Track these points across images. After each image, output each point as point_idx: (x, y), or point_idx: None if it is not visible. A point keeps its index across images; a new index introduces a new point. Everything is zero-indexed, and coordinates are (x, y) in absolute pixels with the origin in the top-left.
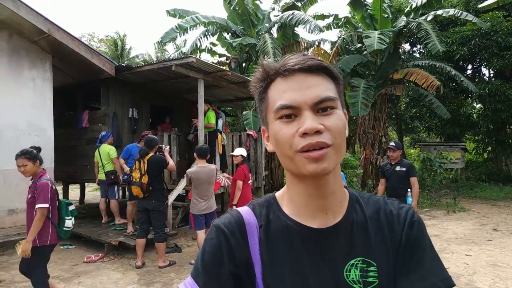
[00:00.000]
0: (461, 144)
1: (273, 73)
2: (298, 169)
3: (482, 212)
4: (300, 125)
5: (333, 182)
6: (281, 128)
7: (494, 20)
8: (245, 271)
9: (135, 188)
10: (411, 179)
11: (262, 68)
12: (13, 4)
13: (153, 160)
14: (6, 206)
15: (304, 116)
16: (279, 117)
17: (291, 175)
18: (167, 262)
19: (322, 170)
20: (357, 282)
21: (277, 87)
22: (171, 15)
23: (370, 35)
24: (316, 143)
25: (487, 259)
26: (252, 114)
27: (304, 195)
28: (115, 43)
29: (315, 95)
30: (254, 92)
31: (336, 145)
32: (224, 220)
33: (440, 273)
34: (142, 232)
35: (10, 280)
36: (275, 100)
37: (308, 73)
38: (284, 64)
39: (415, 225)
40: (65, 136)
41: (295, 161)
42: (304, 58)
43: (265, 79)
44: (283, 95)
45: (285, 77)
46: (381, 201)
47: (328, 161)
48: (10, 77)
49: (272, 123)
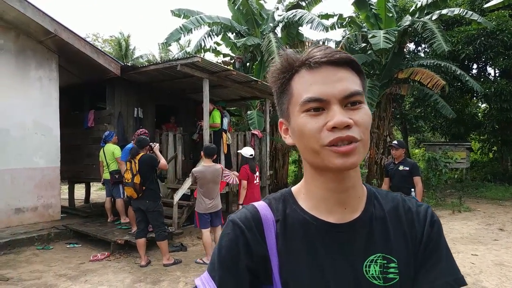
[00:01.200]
0: (466, 143)
1: (298, 64)
2: (323, 163)
3: (487, 212)
4: (328, 118)
5: (354, 176)
6: (308, 122)
7: (499, 19)
8: (262, 266)
9: (128, 189)
10: (414, 178)
11: (285, 59)
12: (20, 4)
13: (143, 160)
14: (14, 205)
15: (333, 109)
16: (305, 110)
17: (311, 169)
18: (171, 260)
19: (351, 165)
20: (377, 278)
21: (303, 79)
22: (176, 15)
23: (376, 34)
24: (346, 137)
25: (493, 259)
26: (256, 114)
27: (323, 189)
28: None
29: (344, 88)
30: (273, 83)
31: (364, 140)
32: (240, 215)
33: (454, 272)
34: (140, 232)
35: (18, 278)
36: (300, 92)
37: (336, 66)
38: (311, 56)
39: (435, 225)
40: (71, 136)
41: (321, 155)
42: (332, 51)
43: (288, 70)
44: (311, 88)
45: (311, 69)
46: (399, 198)
47: (357, 155)
48: (17, 77)
49: (296, 116)
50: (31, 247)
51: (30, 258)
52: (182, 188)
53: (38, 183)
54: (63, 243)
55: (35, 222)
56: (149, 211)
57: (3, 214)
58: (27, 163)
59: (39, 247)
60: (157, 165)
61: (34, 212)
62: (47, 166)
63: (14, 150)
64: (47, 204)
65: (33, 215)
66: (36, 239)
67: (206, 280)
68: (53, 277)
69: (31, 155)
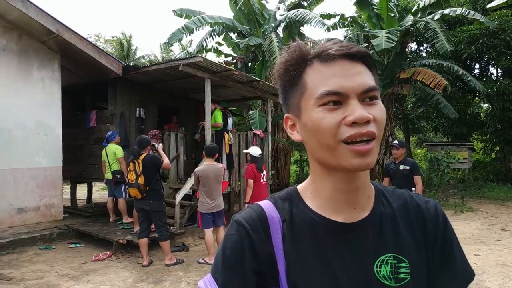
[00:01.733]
0: (468, 143)
1: (312, 56)
2: (338, 161)
3: (490, 212)
4: (346, 113)
5: (364, 176)
6: (324, 116)
7: (502, 19)
8: (268, 268)
9: (132, 190)
10: (415, 177)
11: (297, 49)
12: (23, 4)
13: (147, 160)
14: (16, 205)
15: (352, 104)
16: (322, 104)
17: (320, 168)
18: (174, 260)
19: (367, 165)
20: (388, 278)
21: (318, 72)
22: (178, 15)
23: (378, 35)
24: (366, 133)
25: (496, 259)
26: (258, 114)
27: (331, 189)
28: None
29: (362, 82)
30: (282, 76)
31: (379, 137)
32: (245, 215)
33: (467, 267)
34: (143, 232)
35: (20, 278)
36: (316, 85)
37: (352, 60)
38: (327, 48)
39: (448, 224)
40: (73, 136)
41: (337, 152)
42: (348, 44)
43: (300, 62)
44: (328, 81)
45: (326, 62)
46: (406, 194)
47: (373, 155)
48: (20, 77)
49: (310, 110)
50: (34, 247)
51: (33, 258)
52: (184, 188)
53: (41, 183)
54: (65, 243)
55: (37, 222)
56: (153, 211)
57: (5, 214)
58: (29, 163)
59: (42, 247)
60: (160, 165)
61: (36, 212)
62: (49, 166)
63: (16, 150)
64: (50, 204)
65: (35, 215)
66: (38, 239)
67: (209, 282)
68: (56, 277)
69: (34, 155)
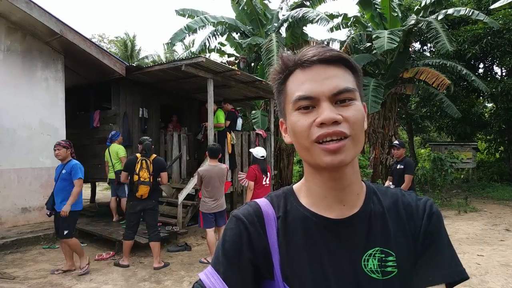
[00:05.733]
0: (472, 143)
1: (292, 64)
2: (314, 160)
3: (494, 212)
4: (317, 115)
5: (351, 174)
6: (299, 119)
7: (506, 18)
8: (264, 261)
9: (144, 188)
10: (405, 176)
11: (281, 60)
12: (27, 5)
13: (157, 161)
14: (20, 204)
15: (322, 107)
16: (297, 108)
17: (309, 167)
18: (162, 263)
19: (340, 162)
20: (375, 271)
21: (296, 79)
22: (180, 15)
23: (380, 35)
24: (333, 132)
25: (499, 260)
26: (260, 114)
27: (321, 187)
28: (125, 44)
29: (333, 86)
30: (273, 84)
31: (354, 136)
32: (243, 210)
33: (454, 264)
34: (132, 234)
35: (24, 277)
36: (293, 91)
37: (327, 64)
38: (303, 55)
39: (433, 217)
40: (76, 136)
41: (311, 152)
42: (323, 49)
43: (283, 71)
44: (301, 86)
45: (304, 69)
46: (398, 193)
47: (345, 153)
48: (24, 77)
49: (290, 114)
50: (37, 246)
51: (36, 257)
52: (186, 187)
53: (44, 183)
54: None
55: (41, 222)
56: (152, 210)
57: (9, 213)
58: (33, 163)
59: (45, 246)
60: (166, 170)
61: (40, 211)
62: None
63: (20, 150)
64: None
65: (39, 215)
66: (42, 238)
67: (211, 273)
68: (59, 276)
69: (37, 155)
